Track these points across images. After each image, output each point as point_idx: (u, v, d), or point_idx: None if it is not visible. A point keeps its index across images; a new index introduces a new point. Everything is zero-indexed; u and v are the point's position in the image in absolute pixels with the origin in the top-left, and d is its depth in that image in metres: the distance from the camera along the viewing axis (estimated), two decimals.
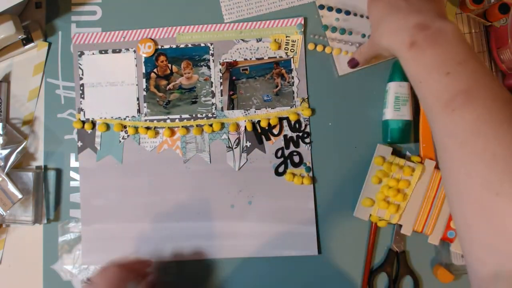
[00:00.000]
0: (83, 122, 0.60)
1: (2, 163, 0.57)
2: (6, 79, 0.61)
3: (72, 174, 0.60)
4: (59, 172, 0.60)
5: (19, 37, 0.58)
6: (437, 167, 0.57)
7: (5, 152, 0.57)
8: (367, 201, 0.56)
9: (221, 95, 0.60)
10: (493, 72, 0.57)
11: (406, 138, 0.57)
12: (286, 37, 0.60)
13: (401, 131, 0.57)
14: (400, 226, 0.56)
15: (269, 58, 0.60)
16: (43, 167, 0.60)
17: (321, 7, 0.60)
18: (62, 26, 0.62)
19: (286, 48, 0.60)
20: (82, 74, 0.61)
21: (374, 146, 0.57)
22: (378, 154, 0.57)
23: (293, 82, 0.60)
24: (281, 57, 0.60)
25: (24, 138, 0.60)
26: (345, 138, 0.59)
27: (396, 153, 0.58)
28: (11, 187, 0.55)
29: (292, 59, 0.60)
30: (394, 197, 0.55)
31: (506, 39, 0.56)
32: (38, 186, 0.59)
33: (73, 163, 0.60)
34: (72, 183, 0.60)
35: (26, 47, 0.61)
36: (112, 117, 0.60)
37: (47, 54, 0.61)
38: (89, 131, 0.60)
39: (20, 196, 0.55)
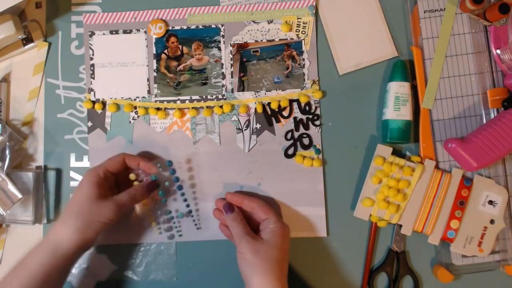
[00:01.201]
0: (93, 102, 0.60)
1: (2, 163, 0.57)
2: (6, 79, 0.61)
3: (72, 174, 0.60)
4: (59, 172, 0.60)
5: (19, 37, 0.58)
6: (437, 167, 0.57)
7: (5, 152, 0.57)
8: (367, 201, 0.56)
9: (232, 77, 0.60)
10: (493, 71, 0.57)
11: (406, 138, 0.57)
12: (298, 18, 0.60)
13: (401, 131, 0.57)
14: (400, 226, 0.56)
15: (280, 40, 0.60)
16: (43, 167, 0.60)
17: None
18: (62, 26, 0.62)
19: (297, 30, 0.60)
20: (93, 54, 0.61)
21: (374, 146, 0.57)
22: (378, 154, 0.57)
23: (304, 64, 0.60)
24: (292, 39, 0.60)
25: (24, 138, 0.60)
26: (345, 138, 0.60)
27: (396, 153, 0.58)
28: (11, 187, 0.55)
29: (303, 41, 0.60)
30: (394, 197, 0.55)
31: (506, 39, 0.56)
32: (38, 186, 0.59)
33: (73, 163, 0.60)
34: (72, 183, 0.60)
35: (26, 47, 0.61)
36: (122, 98, 0.60)
37: (47, 54, 0.61)
38: (99, 111, 0.60)
39: (20, 196, 0.55)
